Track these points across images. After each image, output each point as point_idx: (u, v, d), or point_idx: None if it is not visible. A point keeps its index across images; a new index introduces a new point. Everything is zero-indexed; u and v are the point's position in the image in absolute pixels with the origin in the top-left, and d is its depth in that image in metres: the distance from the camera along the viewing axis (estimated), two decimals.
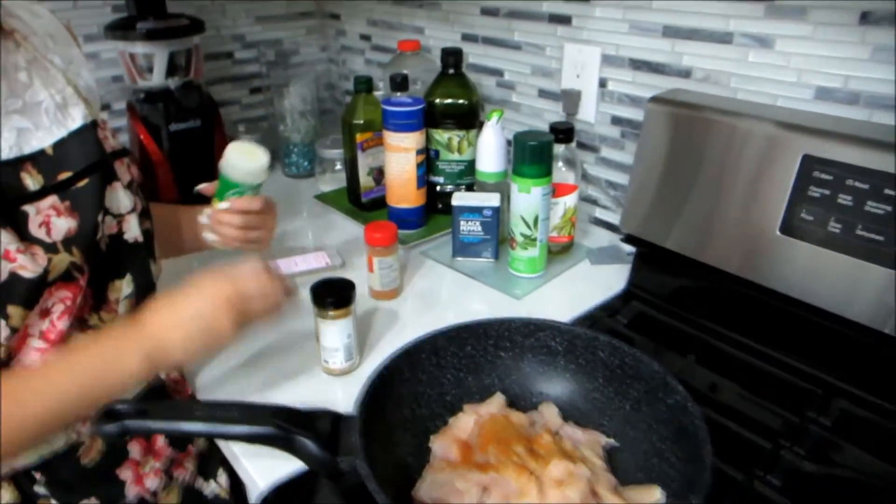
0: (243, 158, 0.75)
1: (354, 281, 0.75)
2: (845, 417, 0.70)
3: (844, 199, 0.70)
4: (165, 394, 0.71)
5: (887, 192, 0.67)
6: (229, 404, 0.55)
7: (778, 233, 0.75)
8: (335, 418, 0.55)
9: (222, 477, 0.75)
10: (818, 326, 0.74)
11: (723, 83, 0.86)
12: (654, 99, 0.86)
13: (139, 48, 1.11)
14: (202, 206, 0.81)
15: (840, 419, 0.69)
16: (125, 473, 0.66)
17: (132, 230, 0.64)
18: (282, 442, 0.52)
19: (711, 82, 0.87)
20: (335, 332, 0.73)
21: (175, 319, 0.58)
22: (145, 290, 0.67)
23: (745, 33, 0.81)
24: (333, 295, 0.72)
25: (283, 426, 0.52)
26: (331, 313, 0.72)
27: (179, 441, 0.71)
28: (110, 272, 0.62)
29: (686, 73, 0.89)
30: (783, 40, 0.78)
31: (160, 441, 0.69)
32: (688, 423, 0.55)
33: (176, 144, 1.17)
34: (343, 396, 0.73)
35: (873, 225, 0.68)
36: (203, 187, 0.77)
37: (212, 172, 1.25)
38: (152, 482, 0.68)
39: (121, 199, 0.62)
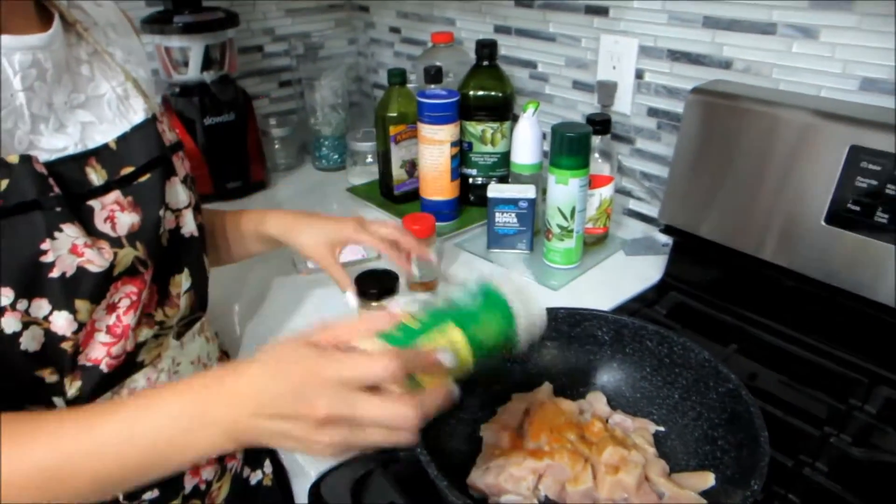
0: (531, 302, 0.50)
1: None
2: (890, 405, 0.70)
3: (892, 189, 0.70)
4: None
5: None
6: None
7: (822, 223, 0.75)
8: None
9: (267, 466, 0.76)
10: (861, 315, 0.74)
11: (764, 74, 0.85)
12: (696, 90, 0.85)
13: (175, 42, 1.12)
14: (258, 214, 0.81)
15: (885, 406, 0.69)
16: None
17: (188, 224, 0.65)
18: None
19: (753, 73, 0.86)
20: None
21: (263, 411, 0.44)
22: (201, 284, 0.68)
23: (789, 24, 0.81)
24: (377, 285, 0.73)
25: None
26: (374, 304, 0.73)
27: None
28: (171, 267, 0.63)
29: (726, 65, 0.89)
30: (828, 31, 0.78)
31: None
32: (742, 410, 0.55)
33: (211, 138, 1.18)
34: None
35: None
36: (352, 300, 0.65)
37: (245, 166, 1.27)
38: (208, 473, 0.69)
39: (179, 193, 0.63)
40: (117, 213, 0.56)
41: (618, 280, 0.94)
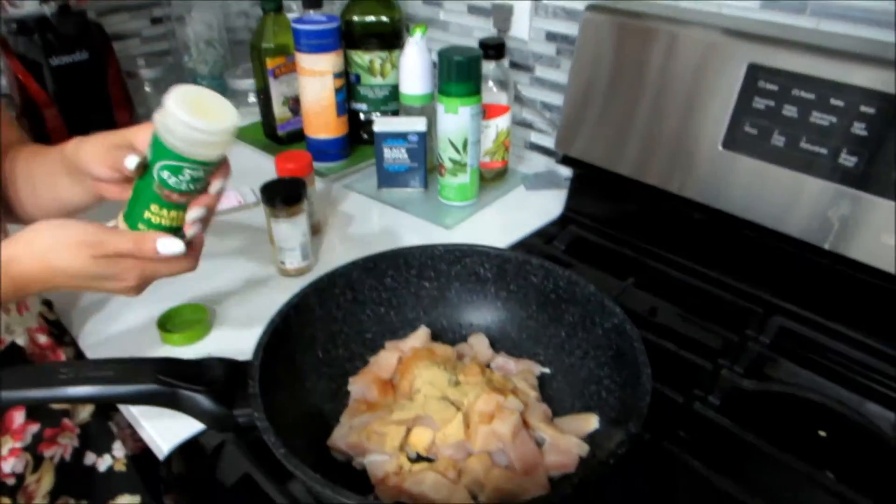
0: (186, 110, 0.46)
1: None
2: (784, 333, 0.67)
3: (789, 111, 0.66)
4: (25, 362, 0.62)
5: (833, 101, 0.62)
6: (103, 362, 0.47)
7: (720, 148, 0.71)
8: (230, 367, 0.49)
9: (118, 449, 0.67)
10: (759, 244, 0.71)
11: None
12: (591, 7, 0.78)
13: None
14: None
15: (779, 335, 0.67)
16: None
17: None
18: (167, 399, 0.46)
19: None
20: (289, 231, 0.72)
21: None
22: None
23: None
24: (283, 192, 0.71)
25: (166, 381, 0.45)
26: (283, 211, 0.71)
27: (47, 415, 0.62)
28: None
29: None
30: None
31: (18, 418, 0.60)
32: (626, 346, 0.50)
33: (62, 82, 1.03)
34: None
35: (817, 137, 0.64)
36: (131, 161, 0.52)
37: (108, 112, 1.13)
38: (12, 464, 0.59)
39: None
40: None
41: (517, 216, 0.88)
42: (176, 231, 0.52)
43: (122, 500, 0.65)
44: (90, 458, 0.65)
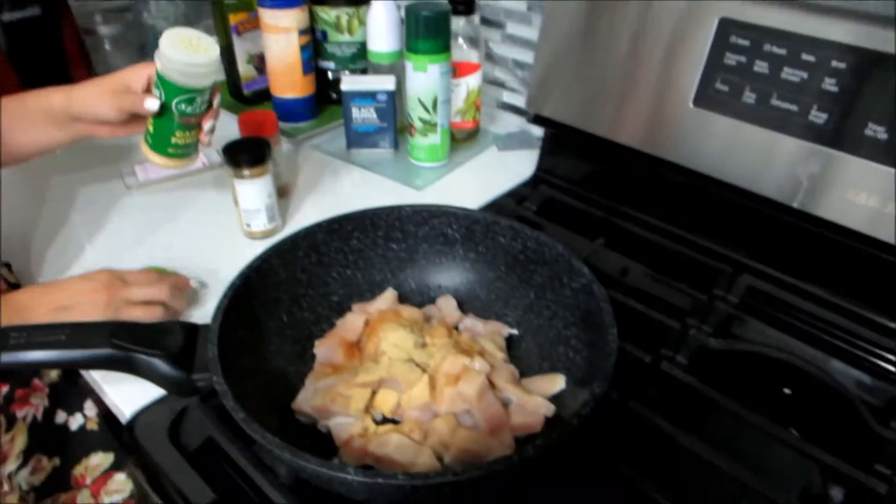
0: (185, 52, 0.58)
1: None
2: (752, 293, 0.68)
3: (760, 67, 0.64)
4: None
5: (805, 57, 0.61)
6: (56, 326, 0.45)
7: (691, 106, 0.70)
8: (189, 330, 0.47)
9: (90, 408, 0.66)
10: (729, 203, 0.71)
11: None
12: None
13: None
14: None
15: (747, 295, 0.67)
16: None
17: None
18: (123, 364, 0.44)
19: None
20: (254, 192, 0.70)
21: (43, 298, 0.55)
22: None
23: None
24: (247, 152, 0.68)
25: (121, 345, 0.44)
26: (247, 172, 0.69)
27: (16, 376, 0.61)
28: None
29: None
30: None
31: None
32: (593, 306, 0.50)
33: (15, 39, 0.98)
34: None
35: (788, 93, 0.63)
36: (153, 104, 0.60)
37: (65, 71, 1.08)
38: None
39: None
40: None
41: (489, 177, 0.87)
42: (193, 146, 0.66)
43: (96, 458, 0.65)
44: (61, 416, 0.64)
